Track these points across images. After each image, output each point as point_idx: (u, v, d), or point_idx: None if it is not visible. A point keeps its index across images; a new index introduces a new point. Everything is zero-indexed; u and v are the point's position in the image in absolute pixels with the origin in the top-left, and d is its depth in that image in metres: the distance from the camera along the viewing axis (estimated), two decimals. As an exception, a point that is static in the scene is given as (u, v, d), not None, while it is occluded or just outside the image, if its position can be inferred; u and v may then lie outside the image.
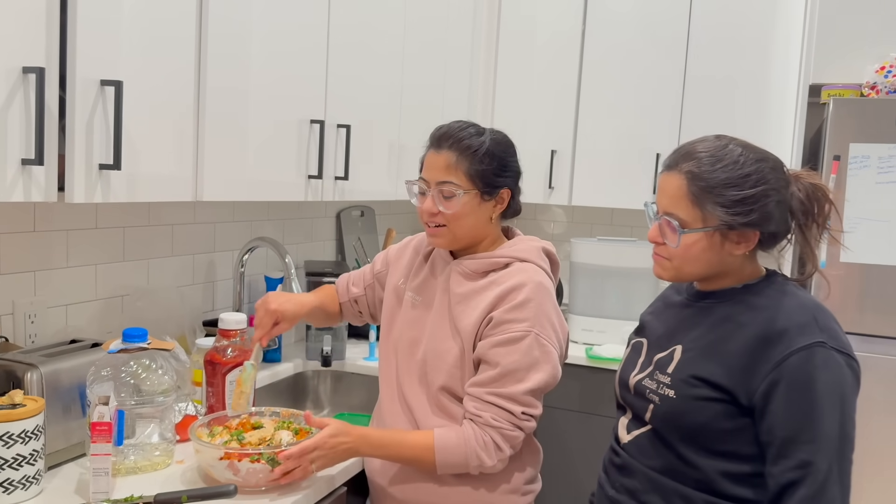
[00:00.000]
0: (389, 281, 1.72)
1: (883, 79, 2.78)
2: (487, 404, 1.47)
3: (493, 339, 1.48)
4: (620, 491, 1.40)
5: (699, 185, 1.29)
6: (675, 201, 1.32)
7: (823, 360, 1.22)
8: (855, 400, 1.26)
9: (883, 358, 2.65)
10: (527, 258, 1.56)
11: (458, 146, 1.52)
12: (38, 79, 1.21)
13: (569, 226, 3.56)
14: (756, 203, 1.28)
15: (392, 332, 1.66)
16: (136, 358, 1.51)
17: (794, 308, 1.28)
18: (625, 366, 1.48)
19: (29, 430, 1.31)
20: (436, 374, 1.55)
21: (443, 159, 1.53)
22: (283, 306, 1.66)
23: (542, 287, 1.52)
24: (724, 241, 1.31)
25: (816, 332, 1.24)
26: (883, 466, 2.67)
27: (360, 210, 3.00)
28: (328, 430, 1.44)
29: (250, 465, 1.39)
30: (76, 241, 1.79)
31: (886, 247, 2.62)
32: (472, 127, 1.56)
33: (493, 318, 1.49)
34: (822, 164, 2.70)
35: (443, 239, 1.57)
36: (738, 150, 1.30)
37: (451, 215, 1.53)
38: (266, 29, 1.78)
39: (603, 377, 2.66)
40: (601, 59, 3.04)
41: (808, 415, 1.21)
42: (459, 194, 1.52)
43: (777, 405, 1.23)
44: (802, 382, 1.22)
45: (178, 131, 1.56)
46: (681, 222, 1.31)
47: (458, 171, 1.52)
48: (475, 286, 1.55)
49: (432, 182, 1.54)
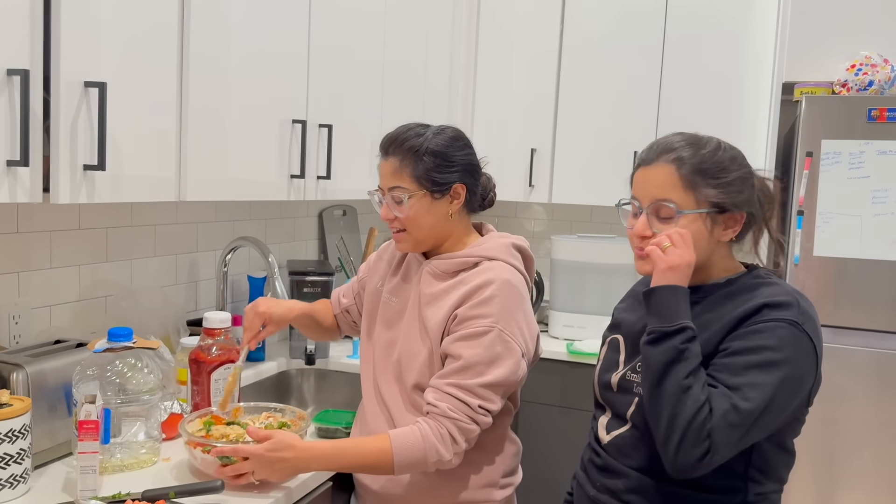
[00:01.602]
0: (368, 285, 1.74)
1: (853, 77, 2.84)
2: (446, 395, 1.46)
3: (457, 334, 1.49)
4: (602, 490, 1.41)
5: (690, 168, 1.31)
6: (665, 189, 1.32)
7: (792, 336, 1.23)
8: (805, 388, 1.26)
9: (855, 349, 2.71)
10: (494, 256, 1.56)
11: (400, 150, 1.54)
12: (23, 81, 1.22)
13: (549, 223, 3.60)
14: (744, 184, 1.32)
15: (372, 334, 1.68)
16: (122, 357, 1.52)
17: (776, 292, 1.29)
18: (604, 364, 1.48)
19: (16, 430, 1.32)
20: (409, 374, 1.56)
21: (389, 165, 1.55)
22: (272, 309, 1.70)
23: (509, 284, 1.51)
24: (714, 225, 1.32)
25: (796, 312, 1.25)
26: (858, 457, 2.73)
27: (343, 209, 3.02)
28: (268, 443, 1.41)
29: (202, 455, 1.44)
30: (59, 241, 1.79)
31: (858, 240, 2.68)
32: (418, 127, 1.56)
33: (458, 314, 1.50)
34: (795, 160, 2.76)
35: (405, 243, 1.59)
36: (714, 139, 1.35)
37: (406, 219, 1.55)
38: (248, 30, 1.79)
39: (583, 372, 2.70)
40: (579, 58, 3.08)
41: (748, 369, 1.22)
42: (406, 198, 1.53)
43: (727, 351, 1.26)
44: (760, 347, 1.23)
45: (161, 132, 1.57)
46: (677, 205, 1.31)
47: (402, 175, 1.53)
48: (444, 286, 1.56)
49: (385, 189, 1.57)
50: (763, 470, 1.31)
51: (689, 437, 1.20)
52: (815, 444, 2.75)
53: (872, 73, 2.81)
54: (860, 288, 2.69)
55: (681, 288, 1.29)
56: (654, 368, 1.26)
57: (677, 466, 1.22)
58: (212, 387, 1.73)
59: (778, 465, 1.33)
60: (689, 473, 1.23)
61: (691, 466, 1.21)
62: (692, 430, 1.20)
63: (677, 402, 1.21)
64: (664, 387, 1.24)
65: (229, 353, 1.75)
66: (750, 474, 1.31)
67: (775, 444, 1.31)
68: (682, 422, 1.20)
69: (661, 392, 1.24)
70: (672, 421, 1.22)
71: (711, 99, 2.90)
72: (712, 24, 2.88)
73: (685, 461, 1.21)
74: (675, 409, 1.21)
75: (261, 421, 1.61)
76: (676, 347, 1.24)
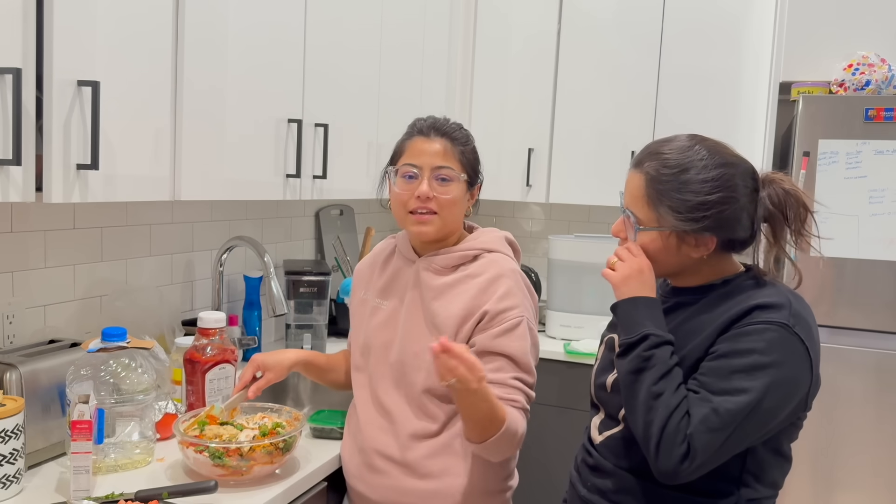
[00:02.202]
0: (353, 300, 1.75)
1: (851, 76, 2.84)
2: (515, 390, 1.50)
3: (494, 331, 1.51)
4: (592, 491, 1.41)
5: (655, 187, 1.30)
6: (634, 200, 1.34)
7: (782, 339, 1.22)
8: (799, 393, 1.24)
9: (853, 349, 2.71)
10: (494, 248, 1.61)
11: (449, 136, 1.59)
12: (15, 79, 1.22)
13: (546, 223, 3.59)
14: (711, 209, 1.27)
15: (360, 340, 1.68)
16: (116, 357, 1.52)
17: (770, 293, 1.28)
18: (601, 365, 1.48)
19: (9, 430, 1.32)
20: (415, 375, 1.56)
21: (438, 145, 1.57)
22: (265, 358, 1.65)
23: (518, 273, 1.59)
24: (680, 243, 1.31)
25: (787, 314, 1.23)
26: (855, 456, 2.73)
27: (339, 209, 3.01)
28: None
29: (196, 455, 1.44)
30: (54, 241, 1.79)
31: (855, 240, 2.68)
32: (455, 122, 1.64)
33: (488, 311, 1.52)
34: (792, 160, 2.76)
35: (432, 226, 1.57)
36: (703, 153, 1.29)
37: (447, 200, 1.56)
38: (243, 29, 1.79)
39: (580, 372, 2.70)
40: (577, 58, 3.07)
41: (734, 373, 1.21)
42: (459, 178, 1.57)
43: (715, 353, 1.24)
44: (747, 350, 1.21)
45: (155, 131, 1.57)
46: (637, 220, 1.33)
47: (451, 157, 1.57)
48: (447, 280, 1.58)
49: (426, 167, 1.56)
50: (757, 475, 1.30)
51: (665, 442, 1.20)
52: (812, 445, 2.74)
53: (870, 72, 2.81)
54: (857, 288, 2.69)
55: (641, 298, 1.31)
56: (625, 379, 1.28)
57: (662, 473, 1.23)
58: (206, 387, 1.72)
59: (773, 470, 1.32)
60: (676, 479, 1.22)
61: (674, 472, 1.21)
62: (666, 435, 1.20)
63: (649, 410, 1.22)
64: (636, 396, 1.25)
65: (224, 353, 1.75)
66: (744, 479, 1.29)
67: (771, 450, 1.30)
68: (655, 429, 1.21)
69: (634, 402, 1.26)
70: (647, 429, 1.23)
71: (709, 98, 2.89)
72: (710, 24, 2.88)
73: (667, 467, 1.21)
74: (648, 417, 1.22)
75: (256, 421, 1.60)
76: (640, 356, 1.26)
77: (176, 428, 1.50)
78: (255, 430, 1.54)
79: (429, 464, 1.54)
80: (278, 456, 1.49)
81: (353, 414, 1.67)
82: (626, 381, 1.28)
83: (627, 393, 1.28)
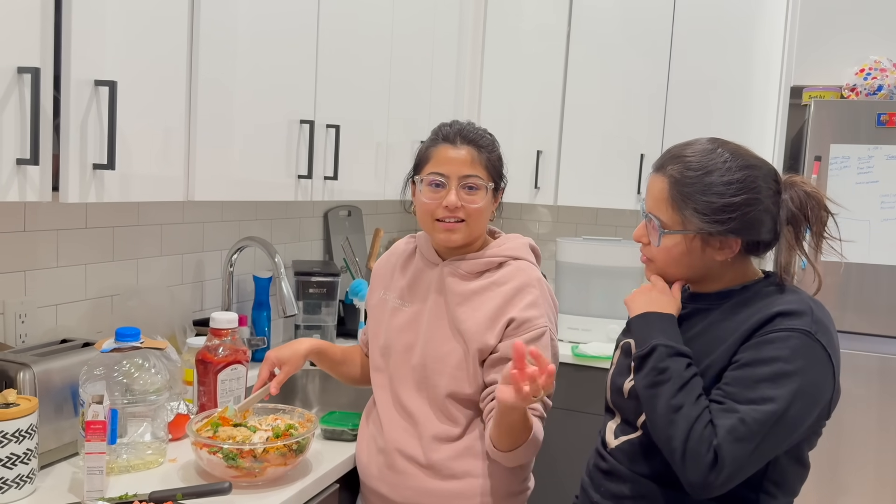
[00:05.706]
0: (371, 299, 1.74)
1: (862, 81, 2.83)
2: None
3: (519, 339, 1.48)
4: (606, 496, 1.40)
5: (680, 190, 1.30)
6: (657, 203, 1.33)
7: (805, 346, 1.21)
8: (822, 400, 1.23)
9: (863, 354, 2.70)
10: (520, 255, 1.60)
11: (475, 143, 1.56)
12: (33, 79, 1.22)
13: (554, 225, 3.59)
14: (736, 211, 1.26)
15: (379, 340, 1.66)
16: (129, 357, 1.51)
17: (791, 300, 1.27)
18: (617, 369, 1.46)
19: (23, 430, 1.32)
20: (438, 378, 1.55)
21: (465, 153, 1.55)
22: (279, 352, 1.64)
23: (543, 282, 1.59)
24: (704, 246, 1.31)
25: (809, 321, 1.23)
26: (863, 461, 2.73)
27: (348, 210, 3.01)
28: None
29: (209, 456, 1.44)
30: (66, 240, 1.79)
31: (866, 246, 2.67)
32: (480, 127, 1.62)
33: (515, 318, 1.52)
34: (803, 164, 2.75)
35: (459, 234, 1.56)
36: (725, 155, 1.29)
37: (475, 210, 1.55)
38: (256, 31, 1.79)
39: (589, 375, 2.69)
40: (586, 61, 3.07)
41: (759, 382, 1.20)
42: (486, 186, 1.56)
43: (739, 362, 1.23)
44: (771, 358, 1.20)
45: (170, 131, 1.57)
46: (661, 224, 1.32)
47: (479, 166, 1.56)
48: (473, 286, 1.57)
49: (453, 175, 1.55)
50: (779, 483, 1.29)
51: (690, 454, 1.19)
52: (818, 449, 2.68)
53: (882, 77, 2.80)
54: (868, 293, 2.69)
55: (652, 313, 1.33)
56: (643, 394, 1.28)
57: (693, 486, 1.21)
58: (218, 387, 1.72)
59: (793, 478, 1.31)
60: (707, 492, 1.20)
61: (704, 484, 1.19)
62: (690, 447, 1.19)
63: (670, 424, 1.22)
64: (656, 410, 1.25)
65: (236, 353, 1.75)
66: (765, 487, 1.28)
67: (794, 458, 1.29)
68: (678, 442, 1.20)
69: (655, 416, 1.25)
70: (670, 443, 1.22)
71: (719, 102, 2.89)
72: (720, 27, 2.87)
73: (696, 479, 1.19)
74: (670, 431, 1.21)
75: (268, 422, 1.60)
76: (655, 368, 1.26)
77: (189, 429, 1.50)
78: (269, 432, 1.53)
79: (452, 465, 1.54)
80: (291, 457, 1.49)
81: (373, 415, 1.66)
82: (645, 395, 1.27)
83: (648, 408, 1.27)
